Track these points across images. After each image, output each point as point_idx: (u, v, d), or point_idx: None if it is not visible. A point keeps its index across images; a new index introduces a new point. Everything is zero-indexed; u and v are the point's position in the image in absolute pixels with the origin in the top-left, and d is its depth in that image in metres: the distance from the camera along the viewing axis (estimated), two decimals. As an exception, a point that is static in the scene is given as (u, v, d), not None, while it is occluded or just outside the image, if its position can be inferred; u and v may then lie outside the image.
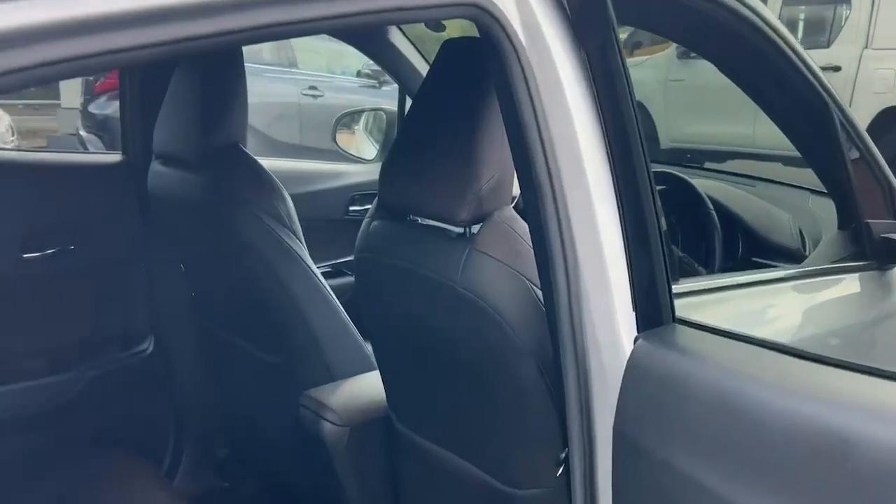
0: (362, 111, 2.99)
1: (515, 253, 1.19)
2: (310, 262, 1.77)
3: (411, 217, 1.33)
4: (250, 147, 1.78)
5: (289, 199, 1.76)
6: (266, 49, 7.49)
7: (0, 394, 1.90)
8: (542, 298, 1.14)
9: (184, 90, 1.72)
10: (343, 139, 2.86)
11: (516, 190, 1.27)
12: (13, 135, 6.74)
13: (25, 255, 1.95)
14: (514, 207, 1.28)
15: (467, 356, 1.26)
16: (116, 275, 2.12)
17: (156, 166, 1.90)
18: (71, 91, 8.15)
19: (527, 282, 1.18)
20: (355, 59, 7.73)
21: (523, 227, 1.20)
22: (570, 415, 1.08)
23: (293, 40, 7.78)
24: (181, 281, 2.17)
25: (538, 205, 1.07)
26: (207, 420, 2.19)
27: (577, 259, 1.05)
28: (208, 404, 2.18)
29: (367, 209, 2.14)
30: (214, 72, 1.70)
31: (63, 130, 7.71)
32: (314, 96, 7.41)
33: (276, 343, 1.78)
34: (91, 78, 6.56)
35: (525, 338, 1.16)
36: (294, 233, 1.75)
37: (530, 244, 1.15)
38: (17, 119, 7.66)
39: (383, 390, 1.56)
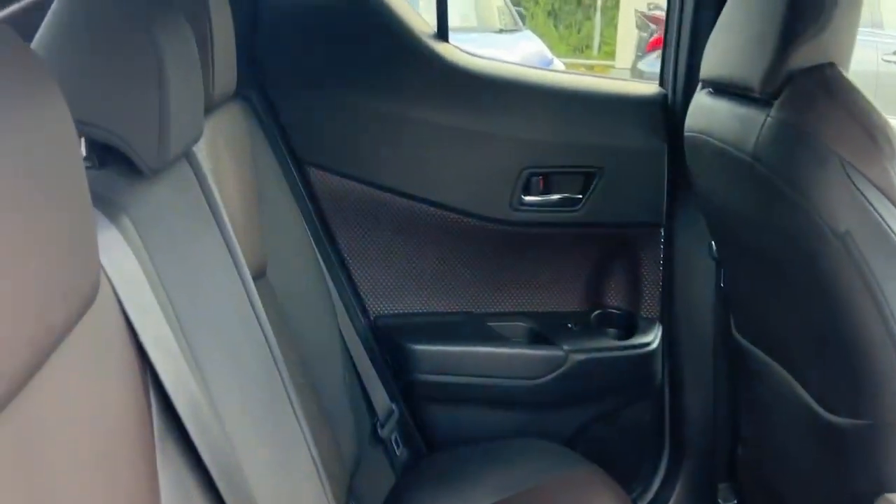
0: None
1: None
2: None
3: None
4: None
5: None
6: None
7: (476, 355, 1.62)
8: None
9: None
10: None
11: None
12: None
13: (527, 198, 1.62)
14: None
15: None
16: (630, 238, 1.72)
17: (701, 98, 1.36)
18: (625, 53, 8.28)
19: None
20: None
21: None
22: None
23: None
24: (708, 263, 1.62)
25: None
26: (714, 447, 1.69)
27: None
28: (719, 430, 1.68)
29: None
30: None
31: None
32: (903, 62, 6.01)
33: (849, 395, 1.11)
34: (645, 35, 6.49)
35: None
36: None
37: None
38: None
39: None
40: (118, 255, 0.64)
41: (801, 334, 1.25)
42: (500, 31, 6.12)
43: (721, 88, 1.31)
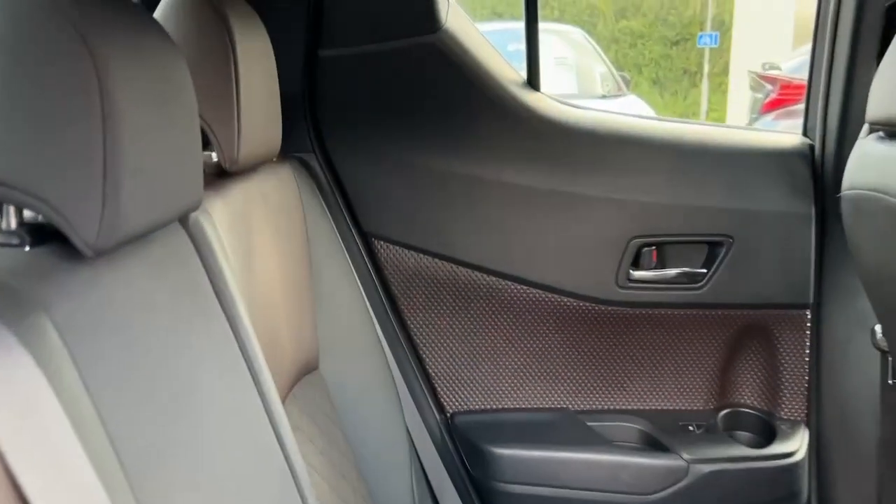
0: None
1: None
2: None
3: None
4: None
5: None
6: None
7: (571, 462, 1.34)
8: None
9: None
10: None
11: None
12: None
13: (636, 274, 1.34)
14: None
15: None
16: (768, 321, 1.40)
17: (868, 145, 1.06)
18: (736, 115, 7.91)
19: None
20: None
21: None
22: None
23: None
24: (871, 354, 1.31)
25: None
26: None
27: None
28: None
29: None
30: None
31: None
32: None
33: None
34: (760, 96, 6.16)
35: None
36: None
37: None
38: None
39: None
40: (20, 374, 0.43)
41: None
42: (603, 96, 5.91)
43: None
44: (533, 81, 1.38)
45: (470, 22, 1.36)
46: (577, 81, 6.17)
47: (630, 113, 1.49)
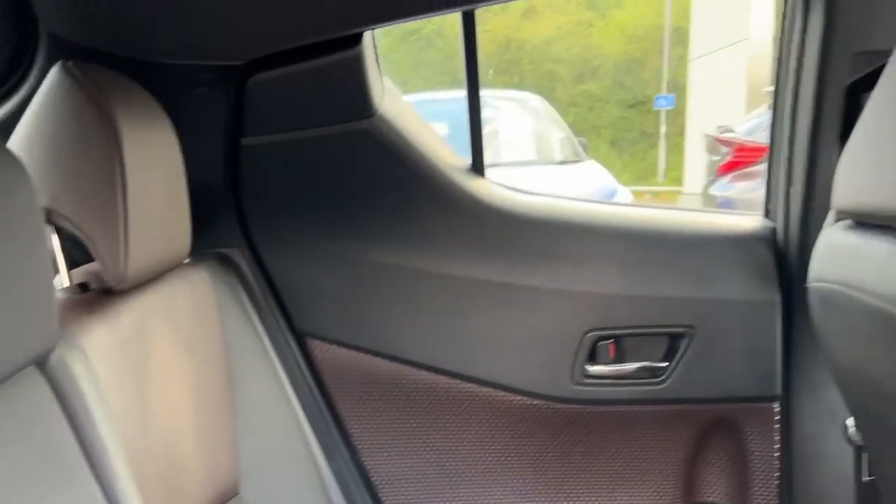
0: None
1: None
2: None
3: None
4: None
5: None
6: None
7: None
8: None
9: None
10: None
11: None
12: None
13: (592, 369, 1.26)
14: None
15: None
16: (734, 417, 1.32)
17: (836, 235, 0.99)
18: (693, 177, 8.03)
19: None
20: None
21: None
22: None
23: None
24: (843, 449, 1.22)
25: None
26: None
27: None
28: None
29: None
30: None
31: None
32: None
33: None
34: (717, 158, 6.26)
35: None
36: None
37: None
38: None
39: None
40: None
41: None
42: (562, 162, 5.92)
43: (872, 222, 0.94)
44: (477, 167, 1.30)
45: (408, 106, 1.28)
46: (535, 148, 6.20)
47: (582, 197, 1.42)
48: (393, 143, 1.22)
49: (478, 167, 1.30)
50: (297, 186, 1.25)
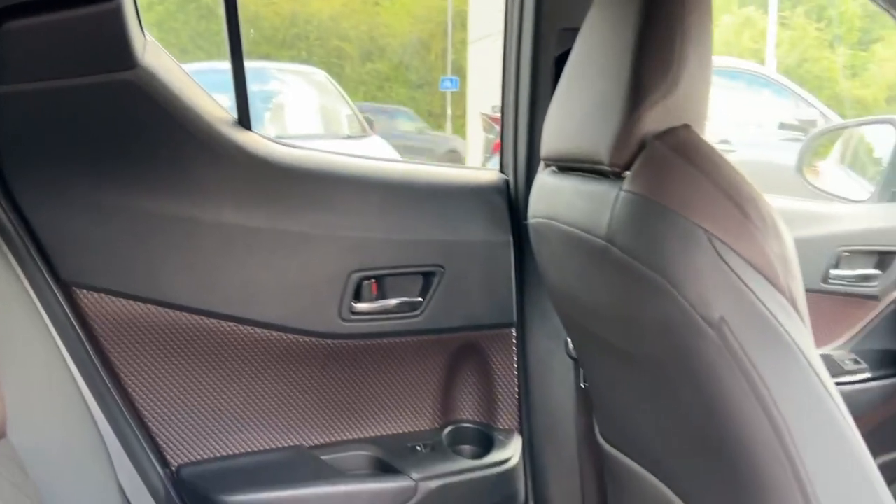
0: (847, 126, 2.00)
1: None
2: (818, 364, 0.90)
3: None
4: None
5: (788, 236, 0.91)
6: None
7: (307, 499, 1.32)
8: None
9: (593, 55, 1.06)
10: (814, 171, 1.90)
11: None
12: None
13: (357, 306, 1.40)
14: None
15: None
16: (480, 342, 1.52)
17: (543, 179, 1.20)
18: (476, 154, 8.48)
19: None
20: (774, 109, 6.58)
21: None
22: None
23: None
24: (566, 363, 1.46)
25: None
26: None
27: None
28: None
29: (860, 276, 1.77)
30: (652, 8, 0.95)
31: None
32: (725, 151, 6.43)
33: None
34: (492, 136, 6.67)
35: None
36: (794, 304, 0.89)
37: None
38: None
39: None
40: None
41: (673, 439, 1.07)
42: (348, 136, 6.05)
43: (565, 166, 1.16)
44: (243, 120, 1.38)
45: (172, 59, 1.33)
46: (322, 122, 6.26)
47: (343, 152, 1.54)
48: (158, 94, 1.26)
49: (244, 121, 1.38)
50: (60, 137, 1.25)
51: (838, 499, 0.89)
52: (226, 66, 1.38)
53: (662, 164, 0.93)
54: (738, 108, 7.09)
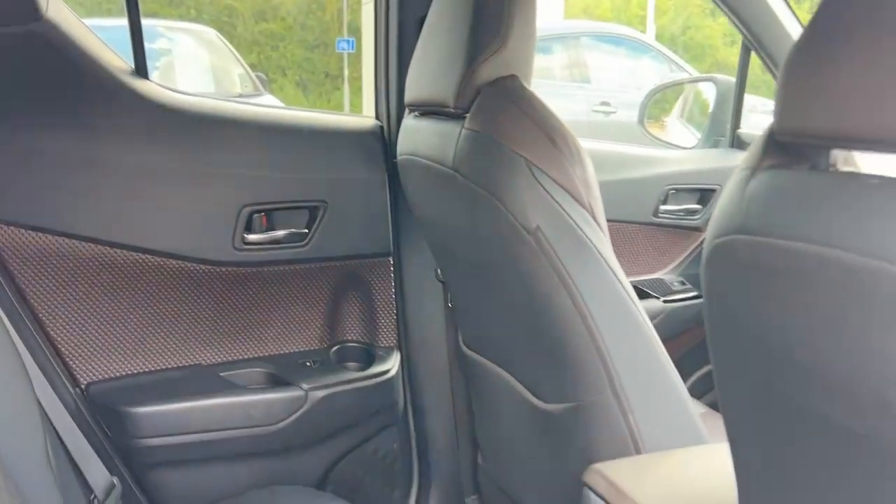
0: (681, 83, 2.29)
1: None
2: (614, 264, 1.16)
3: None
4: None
5: (589, 164, 1.16)
6: (557, 66, 7.09)
7: (208, 408, 1.50)
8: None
9: (443, 18, 1.30)
10: (656, 124, 2.19)
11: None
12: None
13: (249, 237, 1.56)
14: None
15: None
16: (361, 270, 1.72)
17: (408, 122, 1.42)
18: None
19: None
20: (652, 74, 7.01)
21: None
22: None
23: (588, 56, 7.38)
24: (436, 286, 1.68)
25: None
26: (459, 463, 1.74)
27: None
28: (462, 446, 1.74)
29: (685, 210, 2.07)
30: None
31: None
32: (606, 112, 6.82)
33: (556, 383, 1.18)
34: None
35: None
36: (594, 216, 1.14)
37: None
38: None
39: (716, 480, 1.02)
40: None
41: (513, 334, 1.31)
42: (240, 95, 6.06)
43: (424, 111, 1.38)
44: (140, 70, 1.52)
45: (73, 14, 1.45)
46: (214, 81, 6.22)
47: (237, 100, 1.70)
48: (61, 45, 1.39)
49: (140, 70, 1.52)
50: None
51: (629, 365, 1.16)
52: (110, 23, 1.50)
53: (493, 107, 1.17)
54: (620, 73, 7.51)
